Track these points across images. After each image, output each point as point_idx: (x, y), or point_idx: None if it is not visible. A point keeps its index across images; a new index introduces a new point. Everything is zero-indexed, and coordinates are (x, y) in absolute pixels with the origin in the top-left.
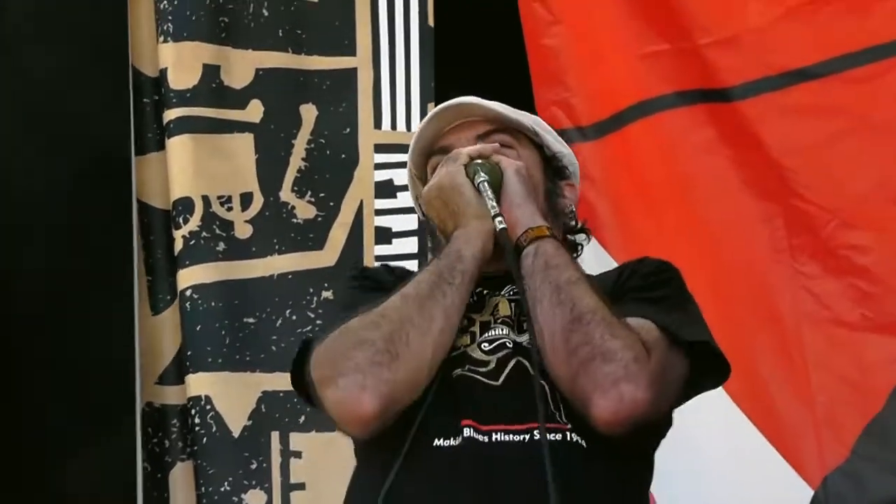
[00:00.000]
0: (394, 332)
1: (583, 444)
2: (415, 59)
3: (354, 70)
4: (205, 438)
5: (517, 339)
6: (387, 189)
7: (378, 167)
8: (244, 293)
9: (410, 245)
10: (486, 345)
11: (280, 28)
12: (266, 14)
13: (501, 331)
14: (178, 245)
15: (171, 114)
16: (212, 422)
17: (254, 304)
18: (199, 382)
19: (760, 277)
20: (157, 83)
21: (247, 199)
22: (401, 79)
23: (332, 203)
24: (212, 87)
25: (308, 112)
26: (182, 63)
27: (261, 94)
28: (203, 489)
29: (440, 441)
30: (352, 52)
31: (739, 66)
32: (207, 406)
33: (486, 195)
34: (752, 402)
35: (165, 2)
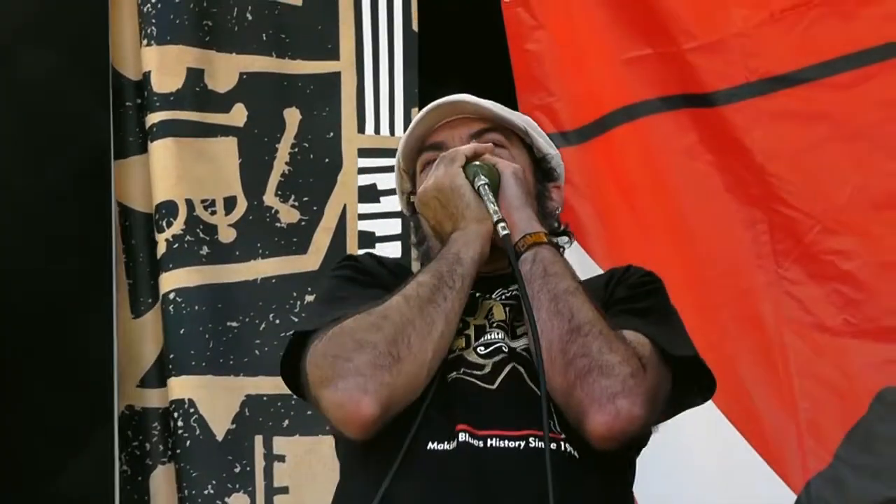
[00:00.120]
0: (396, 335)
1: (576, 455)
2: (398, 64)
3: (338, 74)
4: (188, 442)
5: (512, 345)
6: (370, 193)
7: (362, 171)
8: (228, 297)
9: (394, 249)
10: (482, 349)
11: (264, 32)
12: (250, 18)
13: (497, 335)
14: (161, 248)
15: (155, 117)
16: (195, 425)
17: (237, 308)
18: (183, 386)
19: (744, 283)
20: (140, 86)
21: (230, 203)
22: (384, 83)
23: (316, 207)
24: (196, 91)
25: (292, 116)
26: (166, 66)
27: (245, 98)
28: (186, 493)
29: (434, 445)
30: (335, 57)
31: (723, 71)
32: (191, 409)
33: (488, 199)
34: (736, 407)
35: (149, 5)
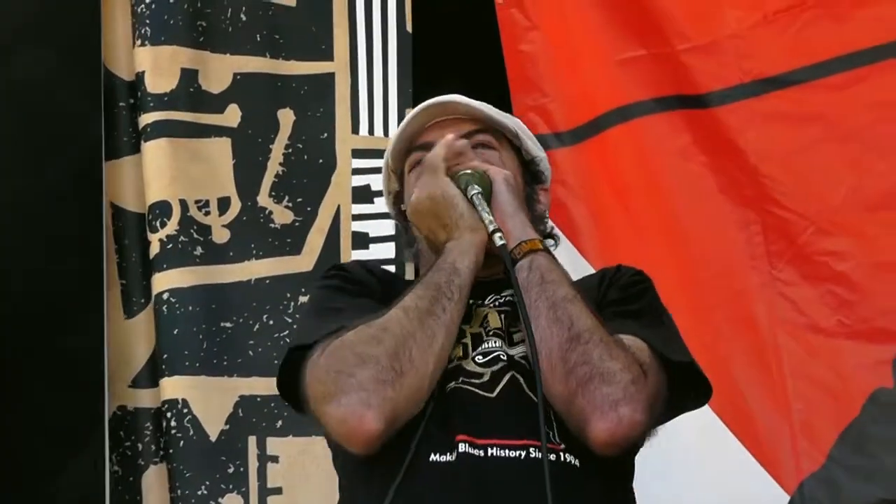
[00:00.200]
0: (397, 349)
1: (576, 465)
2: (392, 65)
3: (332, 75)
4: (181, 442)
5: (510, 352)
6: (364, 194)
7: (355, 172)
8: (221, 298)
9: (388, 250)
10: (480, 357)
11: (258, 33)
12: (244, 19)
13: (494, 343)
14: (155, 248)
15: (148, 117)
16: (189, 426)
17: (231, 309)
18: (176, 386)
19: (737, 284)
20: (133, 87)
21: (224, 204)
22: (378, 84)
23: (310, 208)
24: (189, 92)
25: (285, 117)
26: (159, 67)
27: (239, 99)
28: (179, 493)
29: (436, 456)
30: (329, 58)
31: (717, 73)
32: (185, 410)
33: (482, 208)
34: (729, 408)
35: (143, 5)
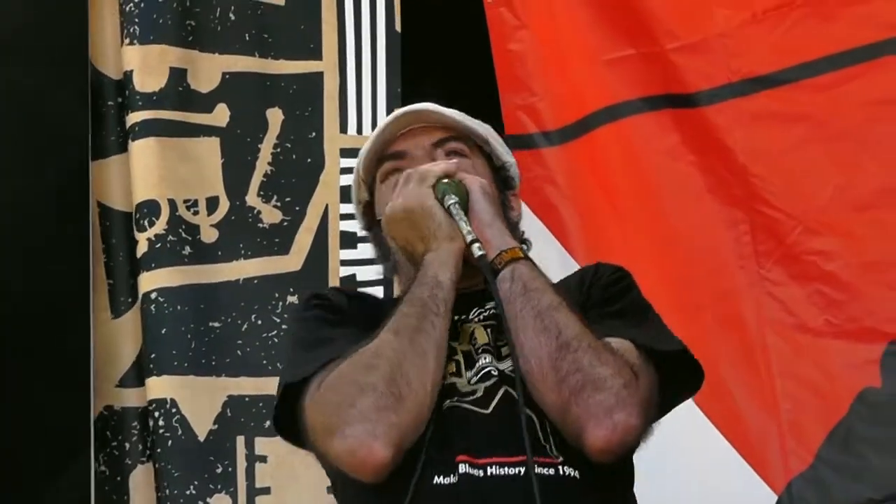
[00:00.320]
0: (393, 373)
1: (576, 477)
2: (381, 64)
3: (321, 74)
4: (169, 441)
5: (500, 367)
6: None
7: (344, 171)
8: (210, 297)
9: None
10: (472, 374)
11: (247, 32)
12: (233, 18)
13: (485, 360)
14: (143, 248)
15: (136, 116)
16: (177, 425)
17: (219, 309)
18: (164, 385)
19: (725, 283)
20: (121, 86)
21: (213, 204)
22: (367, 83)
23: (298, 208)
24: (178, 91)
25: (274, 116)
26: (148, 66)
27: (227, 98)
28: (167, 492)
29: (439, 479)
30: (318, 57)
31: (706, 72)
32: (173, 409)
33: (460, 218)
34: (717, 408)
35: (131, 4)
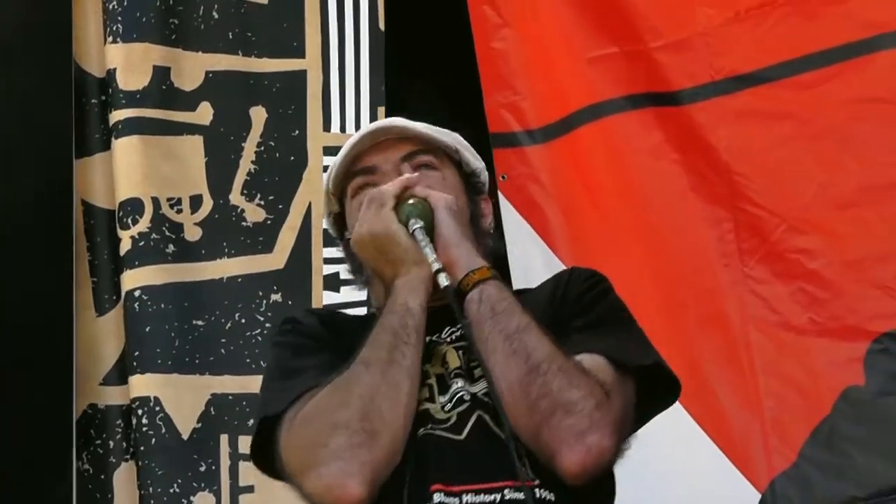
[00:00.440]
0: (365, 409)
1: (552, 499)
2: (364, 62)
3: (304, 72)
4: (153, 440)
5: (472, 390)
6: None
7: (327, 170)
8: (193, 296)
9: None
10: (445, 398)
11: (230, 30)
12: (216, 16)
13: (458, 384)
14: (126, 246)
15: (120, 114)
16: (161, 423)
17: (203, 307)
18: (147, 383)
19: (709, 281)
20: (104, 83)
21: (196, 202)
22: (350, 81)
23: (281, 206)
24: (162, 89)
25: (258, 114)
26: (132, 64)
27: (211, 97)
28: (151, 490)
29: None
30: (301, 55)
31: (689, 70)
32: (157, 408)
33: (425, 243)
34: (700, 406)
35: (114, 2)
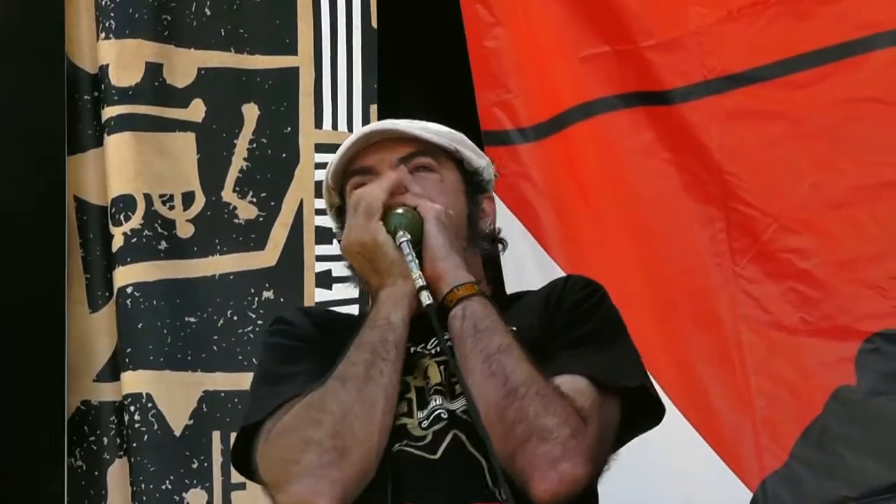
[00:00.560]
0: (337, 427)
1: None
2: (357, 60)
3: (296, 69)
4: (145, 436)
5: (450, 407)
6: None
7: (319, 167)
8: (186, 292)
9: None
10: (423, 417)
11: (222, 27)
12: (208, 13)
13: (436, 401)
14: (118, 242)
15: (112, 111)
16: (153, 420)
17: (195, 304)
18: (139, 380)
19: (700, 281)
20: (96, 80)
21: (189, 199)
22: (342, 79)
23: (273, 203)
24: (154, 86)
25: (250, 111)
26: (124, 60)
27: (203, 94)
28: (143, 487)
29: None
30: (293, 52)
31: (680, 69)
32: (149, 404)
33: (411, 258)
34: (692, 405)
35: None
